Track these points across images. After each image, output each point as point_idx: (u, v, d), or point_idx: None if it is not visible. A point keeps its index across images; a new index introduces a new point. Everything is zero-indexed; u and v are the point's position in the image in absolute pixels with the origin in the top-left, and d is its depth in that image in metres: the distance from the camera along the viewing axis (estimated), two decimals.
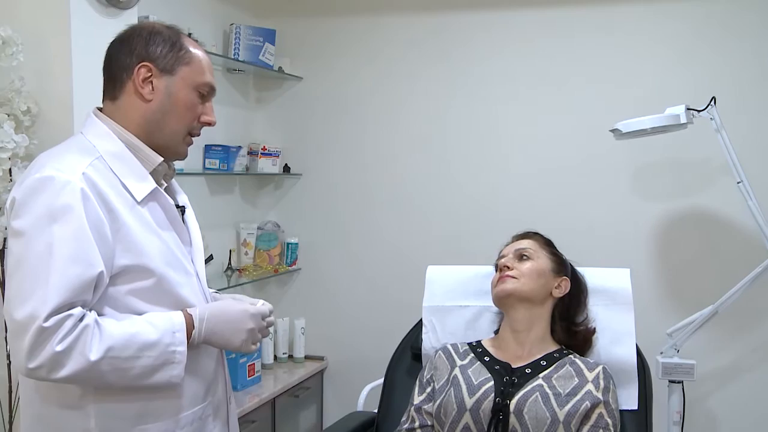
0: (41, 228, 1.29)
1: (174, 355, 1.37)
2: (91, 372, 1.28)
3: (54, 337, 1.25)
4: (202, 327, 1.42)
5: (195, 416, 1.49)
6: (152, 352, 1.34)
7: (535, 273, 1.89)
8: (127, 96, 1.46)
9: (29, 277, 1.28)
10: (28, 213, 1.30)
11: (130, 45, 1.46)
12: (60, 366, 1.26)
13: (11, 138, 1.88)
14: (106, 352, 1.29)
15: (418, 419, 1.87)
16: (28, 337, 1.24)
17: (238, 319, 1.47)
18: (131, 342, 1.32)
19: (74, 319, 1.27)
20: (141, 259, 1.39)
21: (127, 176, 1.42)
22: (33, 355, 1.25)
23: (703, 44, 2.89)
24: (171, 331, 1.37)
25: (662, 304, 2.95)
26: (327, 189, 3.38)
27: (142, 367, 1.33)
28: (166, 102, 1.46)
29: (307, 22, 3.37)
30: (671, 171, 2.95)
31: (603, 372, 1.81)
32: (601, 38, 3.01)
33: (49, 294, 1.26)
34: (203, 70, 1.50)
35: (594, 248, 2.79)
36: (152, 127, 1.46)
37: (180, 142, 1.51)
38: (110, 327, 1.32)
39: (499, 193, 3.13)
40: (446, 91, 3.19)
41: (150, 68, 1.44)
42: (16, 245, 1.31)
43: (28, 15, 2.02)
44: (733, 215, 2.85)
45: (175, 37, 1.48)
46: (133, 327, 1.34)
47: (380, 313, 3.26)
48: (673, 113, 2.43)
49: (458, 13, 3.17)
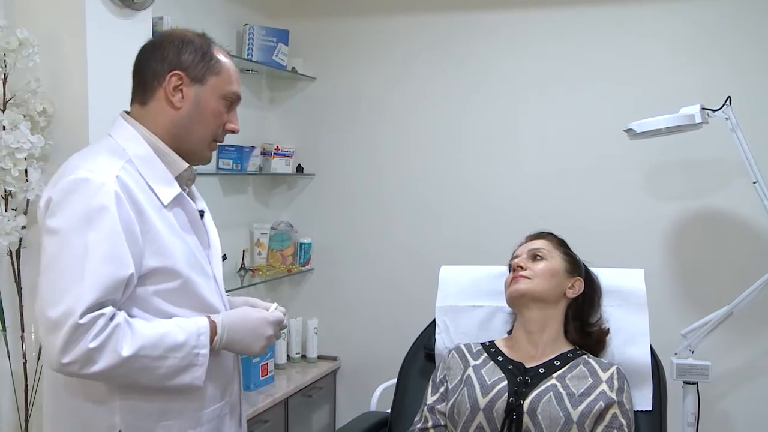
0: (77, 228, 1.33)
1: (197, 358, 1.41)
2: (122, 369, 1.32)
3: (88, 334, 1.28)
4: (224, 334, 1.47)
5: (214, 414, 1.53)
6: (178, 353, 1.38)
7: (549, 273, 1.88)
8: (157, 102, 1.50)
9: (64, 275, 1.31)
10: (63, 213, 1.34)
11: (163, 52, 1.50)
12: (92, 362, 1.29)
13: (27, 138, 1.90)
14: (138, 350, 1.33)
15: (431, 419, 1.87)
16: (62, 334, 1.27)
17: (257, 327, 1.52)
18: (160, 342, 1.36)
19: (106, 317, 1.31)
20: (168, 262, 1.43)
21: (154, 180, 1.46)
22: (67, 351, 1.28)
23: (718, 43, 2.87)
24: (196, 334, 1.42)
25: (677, 304, 2.94)
26: (340, 189, 3.38)
27: (168, 367, 1.37)
28: (195, 110, 1.50)
29: (321, 23, 3.37)
30: (686, 171, 2.93)
31: (617, 372, 1.80)
32: (614, 38, 2.99)
33: (84, 292, 1.29)
34: (231, 80, 1.55)
35: (608, 248, 2.77)
36: (180, 133, 1.51)
37: (205, 148, 1.56)
38: (140, 326, 1.36)
39: (513, 193, 3.13)
40: (459, 91, 3.19)
41: (181, 77, 1.49)
42: (51, 244, 1.34)
43: (44, 17, 2.03)
44: (749, 215, 2.83)
45: (206, 47, 1.52)
46: (162, 328, 1.39)
47: (393, 313, 3.26)
48: (688, 113, 2.42)
49: (471, 13, 3.16)
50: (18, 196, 1.95)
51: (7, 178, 1.90)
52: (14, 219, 1.93)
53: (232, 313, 1.52)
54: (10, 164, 1.89)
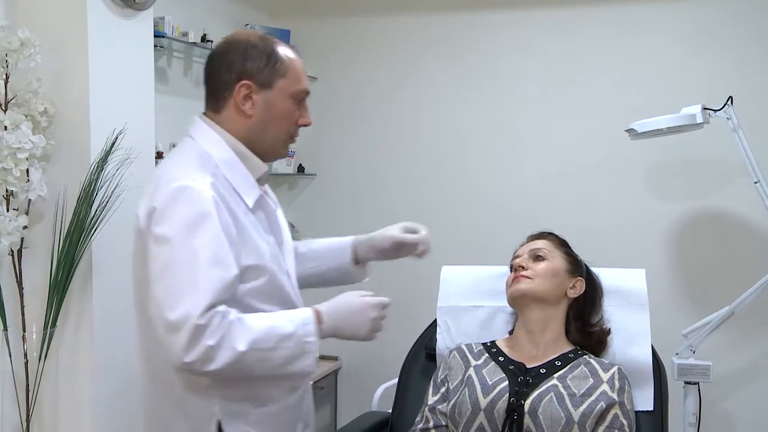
0: (184, 234, 1.39)
1: (306, 346, 1.47)
2: (239, 363, 1.38)
3: (206, 333, 1.35)
4: (330, 321, 1.52)
5: (298, 398, 1.63)
6: (289, 342, 1.44)
7: (550, 273, 1.88)
8: (229, 111, 1.55)
9: (179, 279, 1.38)
10: (170, 220, 1.40)
11: (229, 61, 1.53)
12: (211, 360, 1.36)
13: (29, 139, 1.89)
14: (251, 344, 1.39)
15: (433, 419, 1.87)
16: (183, 335, 1.34)
17: (361, 311, 1.58)
18: (271, 334, 1.43)
19: (220, 316, 1.37)
20: (259, 260, 1.50)
21: (238, 183, 1.52)
22: (189, 351, 1.34)
23: (720, 43, 2.87)
24: (302, 323, 1.47)
25: (678, 304, 2.93)
26: (341, 189, 3.38)
27: (281, 357, 1.44)
28: (266, 114, 1.55)
29: (322, 23, 3.38)
30: (687, 171, 2.93)
31: (618, 372, 1.80)
32: (617, 37, 3.00)
33: (200, 295, 1.36)
34: (299, 78, 1.58)
35: (609, 248, 2.78)
36: (255, 137, 1.56)
37: (281, 147, 1.62)
38: (251, 321, 1.42)
39: (514, 193, 3.13)
40: (460, 91, 3.19)
41: (249, 85, 1.52)
42: (162, 251, 1.40)
43: (46, 17, 2.03)
44: (750, 216, 2.83)
45: (270, 49, 1.54)
46: (271, 320, 1.45)
47: (394, 313, 3.23)
48: (689, 113, 2.42)
49: (473, 13, 3.16)
50: (19, 196, 1.95)
51: (9, 178, 1.90)
52: (16, 219, 1.93)
53: (333, 301, 1.58)
54: (12, 164, 1.89)
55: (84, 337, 2.05)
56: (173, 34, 2.67)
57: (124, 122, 2.04)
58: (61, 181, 2.01)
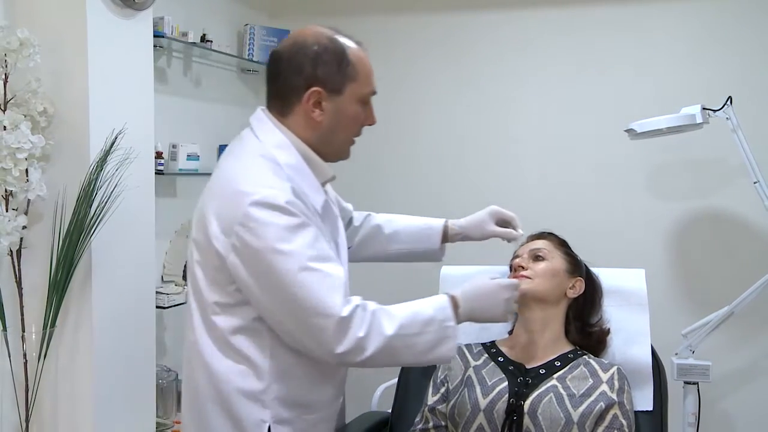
0: (289, 241, 1.39)
1: (447, 330, 1.49)
2: (388, 349, 1.42)
3: (353, 325, 1.39)
4: (466, 305, 1.54)
5: (340, 406, 1.67)
6: (431, 327, 1.47)
7: (550, 273, 1.88)
8: (296, 116, 1.52)
9: (305, 285, 1.39)
10: (268, 231, 1.39)
11: (297, 65, 1.50)
12: (363, 349, 1.40)
13: (28, 139, 1.89)
14: (398, 329, 1.43)
15: (432, 420, 1.87)
16: (332, 331, 1.38)
17: (494, 293, 1.59)
18: (415, 319, 1.46)
19: (361, 308, 1.42)
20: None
21: (306, 188, 1.50)
22: (339, 343, 1.39)
23: (720, 43, 2.87)
24: (441, 308, 1.50)
25: (677, 304, 2.94)
26: (339, 189, 3.34)
27: (425, 342, 1.46)
28: (335, 120, 1.53)
29: (321, 23, 3.37)
30: (686, 171, 2.93)
31: (618, 373, 1.80)
32: (616, 37, 2.99)
33: (333, 294, 1.40)
34: (368, 80, 1.57)
35: (608, 248, 2.76)
36: (322, 141, 1.55)
37: (346, 149, 1.63)
38: (393, 308, 1.47)
39: (513, 193, 3.12)
40: (460, 91, 3.19)
41: (320, 92, 1.49)
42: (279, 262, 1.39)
43: (45, 17, 2.03)
44: (750, 216, 2.83)
45: (340, 51, 1.52)
46: (412, 307, 1.49)
47: None
48: (689, 113, 2.42)
49: (472, 13, 3.17)
50: (19, 196, 1.94)
51: (8, 178, 1.90)
52: (15, 219, 1.93)
53: (466, 285, 1.59)
54: (11, 164, 1.88)
55: (83, 337, 2.05)
56: (173, 34, 2.66)
57: (124, 122, 2.04)
58: (60, 181, 2.01)
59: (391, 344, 1.42)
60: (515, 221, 1.93)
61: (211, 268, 1.47)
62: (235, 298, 1.46)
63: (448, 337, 1.49)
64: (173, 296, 2.65)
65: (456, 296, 1.54)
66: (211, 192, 1.52)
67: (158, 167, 2.54)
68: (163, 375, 2.61)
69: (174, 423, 2.60)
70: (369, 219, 2.00)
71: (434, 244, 1.94)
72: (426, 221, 1.98)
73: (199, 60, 2.99)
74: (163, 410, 2.58)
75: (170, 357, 2.81)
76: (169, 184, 2.84)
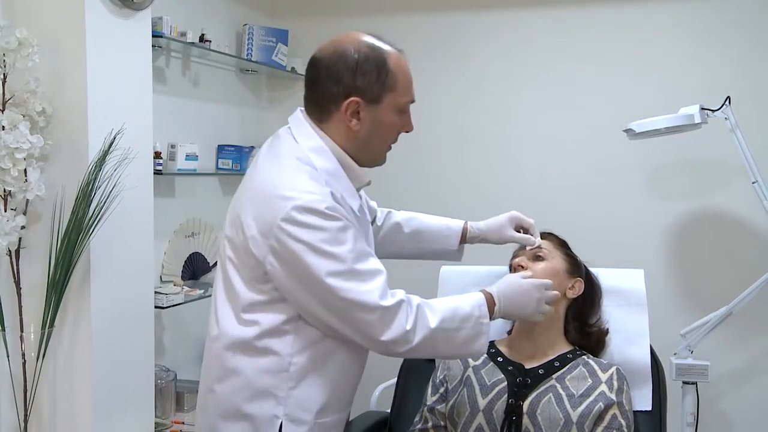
0: (332, 244, 1.41)
1: (482, 326, 1.54)
2: (430, 341, 1.47)
3: (399, 317, 1.44)
4: (501, 302, 1.59)
5: (348, 414, 1.66)
6: (468, 323, 1.52)
7: (549, 273, 1.87)
8: (334, 123, 1.53)
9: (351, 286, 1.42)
10: (311, 235, 1.41)
11: (337, 73, 1.50)
12: (409, 341, 1.45)
13: (27, 138, 1.89)
14: (440, 323, 1.48)
15: (431, 420, 1.87)
16: (377, 321, 1.43)
17: (527, 292, 1.64)
18: (454, 315, 1.51)
19: (406, 303, 1.46)
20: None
21: (343, 192, 1.50)
22: (384, 331, 1.43)
23: (719, 43, 2.87)
24: (477, 305, 1.54)
25: (676, 304, 2.94)
26: None
27: (462, 337, 1.51)
28: (372, 129, 1.54)
29: (320, 23, 3.37)
30: (685, 171, 2.93)
31: (617, 373, 1.80)
32: (616, 37, 3.00)
33: (376, 290, 1.43)
34: (407, 89, 1.59)
35: (608, 248, 2.76)
36: (358, 148, 1.55)
37: (382, 156, 1.63)
38: (436, 303, 1.52)
39: (513, 193, 3.13)
40: (459, 91, 3.19)
41: (358, 102, 1.49)
42: (323, 265, 1.41)
43: (44, 17, 2.03)
44: (748, 216, 2.83)
45: (380, 61, 1.51)
46: (452, 302, 1.54)
47: None
48: (687, 113, 2.42)
49: (471, 12, 3.17)
50: (17, 196, 1.94)
51: (7, 178, 1.89)
52: (14, 219, 1.93)
53: (500, 283, 1.64)
54: (10, 164, 1.88)
55: (82, 337, 2.05)
56: (171, 34, 2.66)
57: (122, 122, 2.04)
58: (59, 181, 2.01)
59: (433, 337, 1.47)
60: (533, 228, 1.92)
61: (247, 268, 1.48)
62: (271, 296, 1.48)
63: (482, 333, 1.53)
64: (172, 296, 2.65)
65: (493, 294, 1.59)
66: (247, 192, 1.53)
67: (157, 167, 2.54)
68: (161, 375, 2.61)
69: (173, 423, 2.60)
70: (389, 216, 2.01)
71: (452, 245, 1.96)
72: (445, 222, 1.99)
73: (198, 60, 2.99)
74: (161, 410, 2.58)
75: (169, 357, 2.81)
76: (168, 184, 2.84)
